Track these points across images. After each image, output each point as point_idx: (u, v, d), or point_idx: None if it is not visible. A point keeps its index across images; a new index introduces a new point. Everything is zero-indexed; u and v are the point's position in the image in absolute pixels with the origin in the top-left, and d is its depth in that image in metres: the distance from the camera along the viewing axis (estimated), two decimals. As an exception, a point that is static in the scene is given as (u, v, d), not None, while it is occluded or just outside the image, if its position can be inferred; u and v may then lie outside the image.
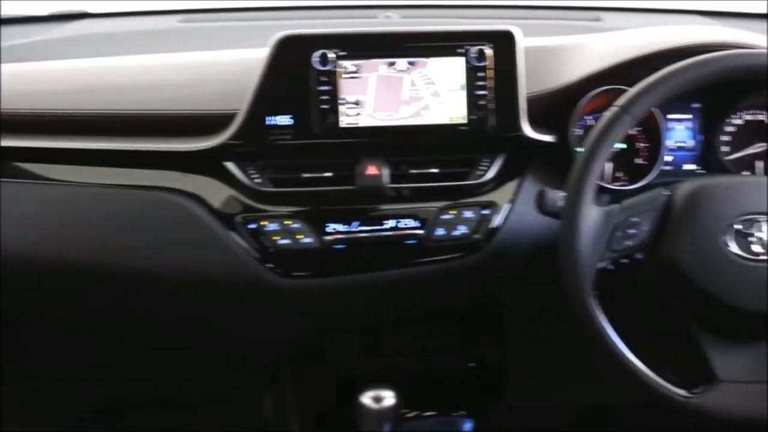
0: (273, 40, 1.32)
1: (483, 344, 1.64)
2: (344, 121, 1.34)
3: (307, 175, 1.35)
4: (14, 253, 1.37)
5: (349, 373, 1.60)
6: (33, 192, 1.39)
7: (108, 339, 1.60)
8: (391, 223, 1.34)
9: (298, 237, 1.32)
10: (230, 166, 1.35)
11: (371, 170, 1.33)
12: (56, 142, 1.39)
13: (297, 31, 1.33)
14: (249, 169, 1.35)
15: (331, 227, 1.33)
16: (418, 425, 1.62)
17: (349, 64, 1.33)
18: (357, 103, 1.34)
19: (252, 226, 1.33)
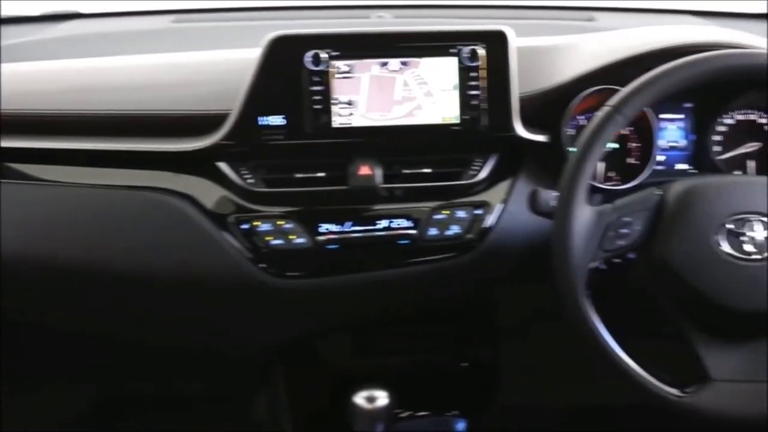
0: (265, 41, 1.32)
1: (476, 344, 1.64)
2: (337, 121, 1.34)
3: (300, 176, 1.35)
4: (9, 253, 1.37)
5: (342, 373, 1.60)
6: (23, 193, 1.39)
7: (102, 339, 1.60)
8: (383, 223, 1.34)
9: (290, 237, 1.32)
10: (223, 166, 1.35)
11: (364, 170, 1.33)
12: (47, 142, 1.39)
13: (289, 32, 1.33)
14: (241, 169, 1.35)
15: (324, 227, 1.33)
16: (411, 425, 1.62)
17: (341, 64, 1.33)
18: (349, 103, 1.34)
19: (245, 226, 1.33)
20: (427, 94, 1.35)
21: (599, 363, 1.16)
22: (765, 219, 1.18)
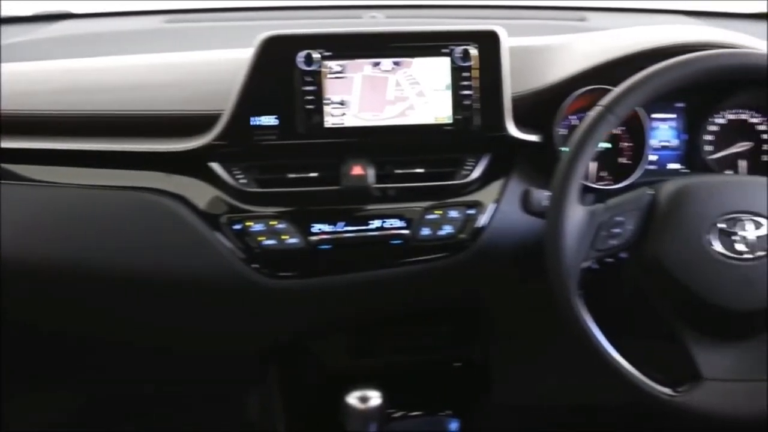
0: (258, 41, 1.32)
1: (469, 344, 1.64)
2: (329, 122, 1.34)
3: (292, 176, 1.35)
4: (2, 254, 1.37)
5: (335, 373, 1.60)
6: (16, 193, 1.39)
7: (95, 339, 1.59)
8: (376, 223, 1.34)
9: (283, 237, 1.32)
10: (215, 166, 1.35)
11: (356, 170, 1.33)
12: (39, 143, 1.38)
13: (282, 32, 1.33)
14: (234, 169, 1.34)
15: (317, 227, 1.33)
16: (404, 425, 1.62)
17: (334, 65, 1.33)
18: (342, 103, 1.34)
19: (237, 226, 1.33)
20: (419, 94, 1.35)
21: (591, 362, 1.16)
22: (756, 218, 1.18)
